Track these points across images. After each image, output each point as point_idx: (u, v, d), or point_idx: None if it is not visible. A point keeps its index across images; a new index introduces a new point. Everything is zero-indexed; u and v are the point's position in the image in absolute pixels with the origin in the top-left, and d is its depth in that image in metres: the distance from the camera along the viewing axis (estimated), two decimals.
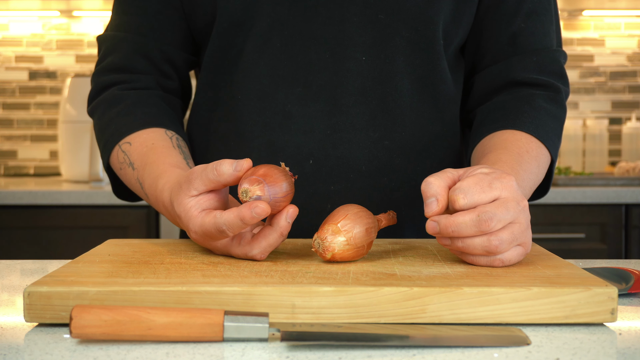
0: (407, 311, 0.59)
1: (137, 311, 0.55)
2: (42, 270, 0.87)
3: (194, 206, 0.71)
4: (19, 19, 2.73)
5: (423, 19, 0.91)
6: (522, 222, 0.68)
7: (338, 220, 0.71)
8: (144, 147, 0.87)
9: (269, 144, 0.92)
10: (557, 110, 0.94)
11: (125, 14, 0.97)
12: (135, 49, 0.96)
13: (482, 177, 0.68)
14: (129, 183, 0.90)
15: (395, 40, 0.91)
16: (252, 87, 0.93)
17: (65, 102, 2.40)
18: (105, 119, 0.94)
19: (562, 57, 0.96)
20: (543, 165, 0.90)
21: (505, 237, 0.67)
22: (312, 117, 0.91)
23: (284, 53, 0.91)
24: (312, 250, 0.75)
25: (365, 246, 0.71)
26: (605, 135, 2.71)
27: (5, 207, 2.15)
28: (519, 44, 0.94)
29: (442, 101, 0.95)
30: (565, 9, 2.72)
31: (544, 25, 0.95)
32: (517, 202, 0.68)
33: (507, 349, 0.55)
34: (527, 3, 0.94)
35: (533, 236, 0.85)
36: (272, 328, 0.55)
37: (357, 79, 0.91)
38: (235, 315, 0.55)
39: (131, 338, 0.55)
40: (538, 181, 0.89)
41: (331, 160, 0.92)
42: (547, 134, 0.90)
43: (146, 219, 2.16)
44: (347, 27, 0.91)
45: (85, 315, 0.54)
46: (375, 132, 0.92)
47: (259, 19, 0.91)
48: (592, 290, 0.60)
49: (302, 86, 0.91)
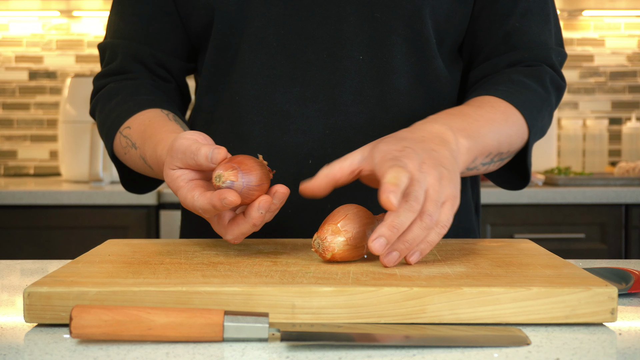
0: (407, 311, 0.59)
1: (137, 311, 0.55)
2: (42, 270, 0.87)
3: (180, 176, 0.73)
4: (19, 19, 2.73)
5: (418, 17, 0.91)
6: (435, 175, 0.68)
7: (338, 220, 0.71)
8: (142, 126, 0.89)
9: (268, 144, 0.92)
10: (537, 86, 0.92)
11: (121, 20, 0.99)
12: (131, 55, 0.98)
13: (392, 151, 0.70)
14: (135, 164, 0.91)
15: (391, 39, 0.91)
16: (250, 87, 0.93)
17: (65, 102, 2.40)
18: (106, 111, 0.96)
19: (556, 55, 0.95)
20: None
21: (431, 209, 0.66)
22: (311, 116, 0.92)
23: (281, 53, 0.92)
24: (312, 251, 0.75)
25: (365, 246, 0.71)
26: (605, 135, 2.71)
27: (5, 207, 2.15)
28: (513, 43, 0.94)
29: (439, 99, 0.95)
30: (565, 9, 2.72)
31: (538, 24, 0.95)
32: (425, 142, 0.70)
33: (507, 349, 0.55)
34: (522, 2, 0.94)
35: (533, 236, 0.85)
36: (272, 328, 0.55)
37: (354, 78, 0.91)
38: (235, 315, 0.55)
39: (131, 338, 0.55)
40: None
41: (330, 159, 0.91)
42: (521, 102, 0.89)
43: (146, 219, 2.16)
44: (343, 26, 0.91)
45: (85, 315, 0.54)
46: (374, 131, 0.92)
47: (254, 18, 0.92)
48: (592, 290, 0.60)
49: (300, 86, 0.92)
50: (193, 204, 0.71)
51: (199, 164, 0.71)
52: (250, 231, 0.72)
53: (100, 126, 0.96)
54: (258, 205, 0.70)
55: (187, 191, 0.72)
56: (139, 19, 0.98)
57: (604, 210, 2.21)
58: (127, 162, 0.93)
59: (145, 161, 0.87)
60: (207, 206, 0.69)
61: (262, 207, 0.70)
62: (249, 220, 0.71)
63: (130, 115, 0.92)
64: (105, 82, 0.99)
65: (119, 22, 0.99)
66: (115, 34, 1.00)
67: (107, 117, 0.95)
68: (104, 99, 0.97)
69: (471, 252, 0.77)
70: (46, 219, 2.16)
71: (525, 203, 2.19)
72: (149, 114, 0.91)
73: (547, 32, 0.95)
